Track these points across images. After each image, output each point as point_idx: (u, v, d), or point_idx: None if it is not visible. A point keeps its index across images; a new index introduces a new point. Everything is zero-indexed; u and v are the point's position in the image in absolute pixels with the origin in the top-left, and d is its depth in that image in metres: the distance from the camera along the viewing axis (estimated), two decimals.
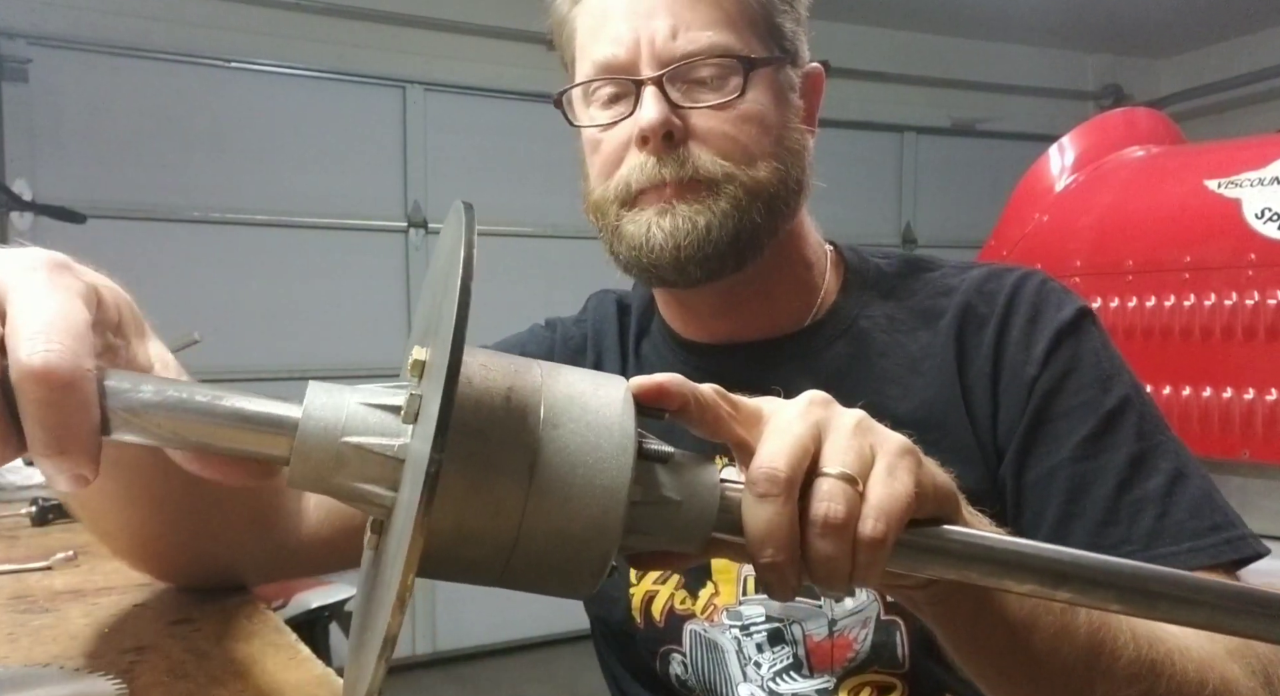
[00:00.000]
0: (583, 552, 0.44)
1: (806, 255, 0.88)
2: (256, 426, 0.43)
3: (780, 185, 0.80)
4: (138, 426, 0.43)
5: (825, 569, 0.45)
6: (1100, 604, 0.49)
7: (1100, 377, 0.77)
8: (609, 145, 0.81)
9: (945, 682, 0.78)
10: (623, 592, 0.86)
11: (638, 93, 0.78)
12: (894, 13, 4.62)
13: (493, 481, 0.42)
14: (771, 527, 0.45)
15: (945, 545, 0.48)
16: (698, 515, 0.46)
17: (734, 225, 0.78)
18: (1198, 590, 0.49)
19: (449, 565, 0.44)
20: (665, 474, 0.46)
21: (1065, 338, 0.79)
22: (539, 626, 4.04)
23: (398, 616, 0.38)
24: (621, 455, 0.44)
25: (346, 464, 0.42)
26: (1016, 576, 0.48)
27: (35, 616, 0.73)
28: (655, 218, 0.78)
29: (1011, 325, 0.80)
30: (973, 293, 0.83)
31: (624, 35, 0.78)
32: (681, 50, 0.77)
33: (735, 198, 0.78)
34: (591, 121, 0.82)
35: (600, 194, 0.82)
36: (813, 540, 0.45)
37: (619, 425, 0.45)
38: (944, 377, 0.80)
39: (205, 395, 0.43)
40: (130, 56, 3.55)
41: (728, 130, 0.78)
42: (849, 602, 0.79)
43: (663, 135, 0.77)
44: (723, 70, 0.78)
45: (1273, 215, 2.14)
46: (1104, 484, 0.74)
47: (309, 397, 0.43)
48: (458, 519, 0.42)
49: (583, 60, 0.82)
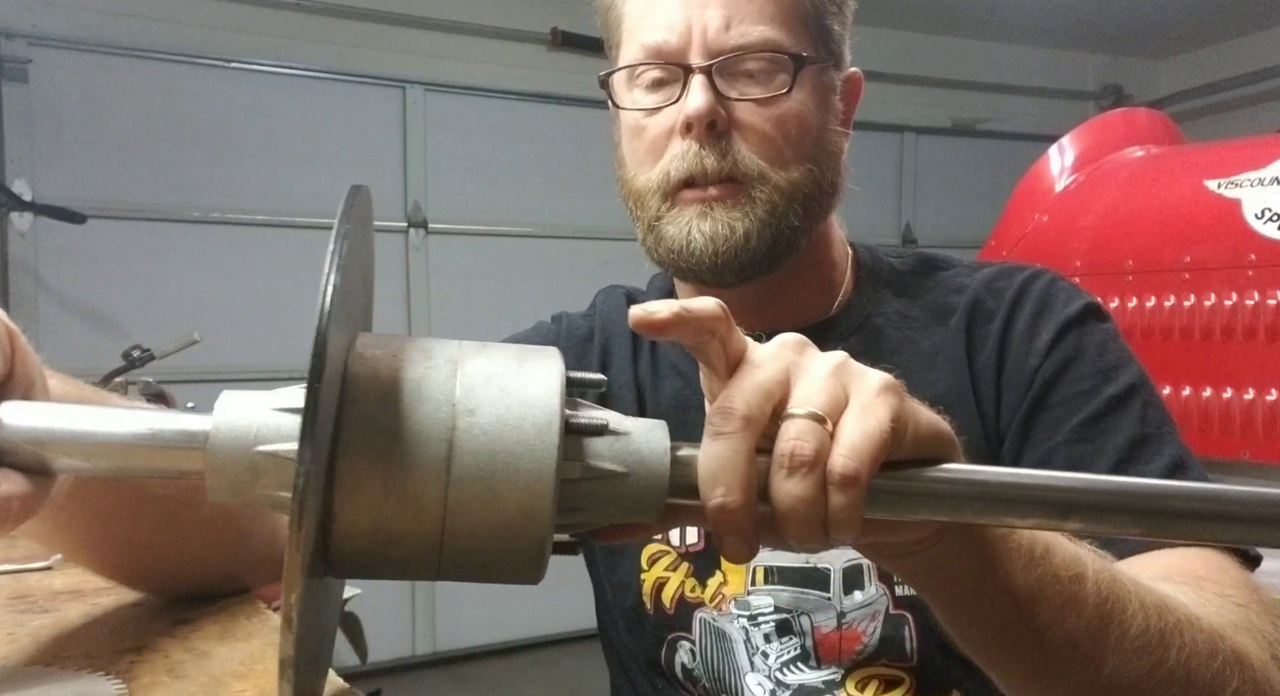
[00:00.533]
0: (516, 541, 0.42)
1: (832, 255, 0.89)
2: (166, 442, 0.42)
3: (815, 187, 0.81)
4: (40, 458, 0.41)
5: (796, 515, 0.42)
6: (1116, 530, 0.45)
7: (1104, 368, 0.77)
8: (653, 131, 0.81)
9: (953, 677, 0.78)
10: (634, 578, 0.86)
11: (685, 80, 0.78)
12: (894, 13, 4.62)
13: (407, 479, 0.40)
14: (722, 463, 0.42)
15: (931, 485, 0.44)
16: (647, 484, 0.43)
17: (771, 233, 0.79)
18: (1228, 501, 0.43)
19: (380, 566, 0.43)
20: (605, 446, 0.43)
21: (1070, 330, 0.79)
22: (539, 626, 4.04)
23: (286, 636, 0.36)
24: (545, 434, 0.41)
25: (263, 474, 0.40)
26: (1018, 511, 0.44)
27: (35, 616, 0.73)
28: (696, 221, 0.79)
29: (1017, 319, 0.81)
30: (982, 289, 0.84)
31: (676, 22, 0.78)
32: (733, 42, 0.78)
33: (771, 202, 0.78)
34: (635, 105, 0.82)
35: (643, 183, 0.82)
36: (779, 483, 0.42)
37: (542, 402, 0.42)
38: (955, 374, 0.81)
39: (109, 413, 0.42)
40: (130, 56, 3.54)
41: (769, 129, 0.79)
42: (858, 595, 0.79)
43: (707, 124, 0.77)
44: (772, 66, 0.79)
45: (1273, 215, 2.14)
46: (1100, 463, 0.73)
47: (219, 407, 0.42)
48: (375, 521, 0.40)
49: (630, 43, 0.82)
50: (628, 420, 0.45)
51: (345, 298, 0.41)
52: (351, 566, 0.43)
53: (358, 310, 0.46)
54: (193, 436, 0.42)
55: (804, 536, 0.43)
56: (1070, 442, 0.74)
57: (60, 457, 0.42)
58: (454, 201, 4.04)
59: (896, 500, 0.44)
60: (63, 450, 0.42)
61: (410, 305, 3.98)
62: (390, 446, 0.40)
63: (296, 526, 0.35)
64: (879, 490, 0.43)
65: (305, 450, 0.35)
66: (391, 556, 0.42)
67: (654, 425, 0.45)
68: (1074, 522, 0.44)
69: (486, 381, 0.42)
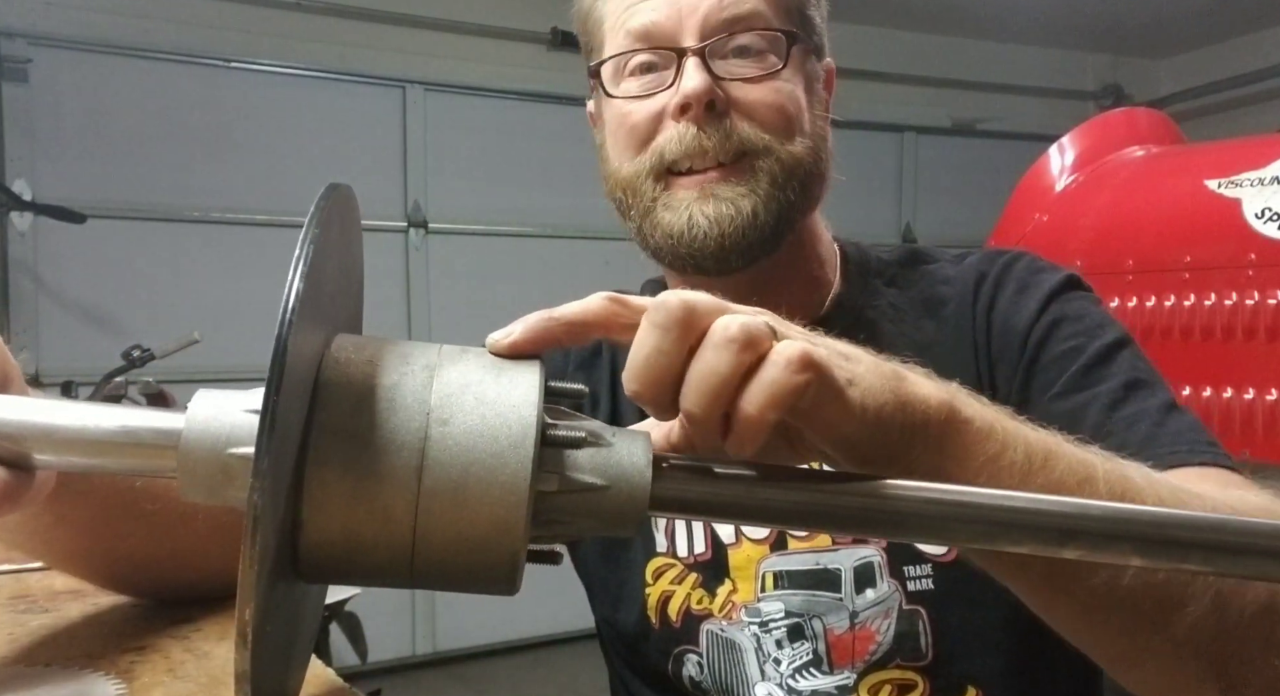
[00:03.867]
0: (489, 554, 0.41)
1: (820, 251, 0.88)
2: (139, 440, 0.41)
3: (814, 164, 0.81)
4: (16, 452, 0.41)
5: (702, 386, 0.41)
6: (1116, 558, 0.43)
7: (1090, 327, 0.78)
8: (639, 116, 0.80)
9: (969, 674, 0.77)
10: (639, 592, 0.85)
11: (679, 63, 0.77)
12: (894, 13, 4.62)
13: (376, 488, 0.39)
14: (647, 352, 0.42)
15: (923, 506, 0.43)
16: (628, 497, 0.42)
17: (777, 207, 0.78)
18: (1239, 532, 0.41)
19: (352, 574, 0.42)
20: (585, 457, 0.42)
21: (1054, 299, 0.80)
22: (539, 626, 4.04)
23: (240, 652, 0.36)
24: (520, 446, 0.40)
25: (236, 476, 0.39)
26: (1013, 537, 0.42)
27: (35, 616, 0.72)
28: (697, 203, 0.77)
29: (1001, 298, 0.82)
30: (970, 278, 0.85)
31: (663, 4, 0.78)
32: (727, 14, 0.77)
33: (773, 174, 0.78)
34: (625, 93, 0.81)
35: (631, 169, 0.80)
36: (703, 351, 0.42)
37: (518, 413, 0.41)
38: (951, 365, 0.81)
39: (84, 409, 0.42)
40: (130, 56, 3.55)
41: (768, 103, 0.78)
42: (869, 593, 0.79)
43: (706, 104, 0.76)
44: (764, 42, 0.79)
45: (1273, 215, 2.14)
46: (1097, 405, 0.72)
47: (192, 406, 0.41)
48: (345, 529, 0.40)
49: (615, 35, 0.81)
50: (609, 431, 0.44)
51: (316, 302, 0.40)
52: (322, 573, 0.42)
53: (337, 312, 0.45)
54: (165, 435, 0.41)
55: (704, 404, 0.42)
56: (1066, 393, 0.74)
57: (36, 452, 0.42)
58: (454, 201, 4.04)
59: (882, 517, 0.43)
60: (35, 445, 0.42)
61: (410, 305, 3.98)
62: (360, 455, 0.39)
63: (250, 542, 0.34)
64: (859, 506, 0.43)
65: (259, 462, 0.34)
66: (362, 565, 0.41)
67: (637, 436, 0.44)
68: (1072, 551, 0.43)
69: (463, 390, 0.41)
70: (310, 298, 0.38)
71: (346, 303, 0.49)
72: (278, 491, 0.37)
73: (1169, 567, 0.45)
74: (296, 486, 0.39)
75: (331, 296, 0.44)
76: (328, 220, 0.41)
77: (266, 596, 0.37)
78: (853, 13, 4.53)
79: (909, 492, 0.44)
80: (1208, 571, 0.47)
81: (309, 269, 0.38)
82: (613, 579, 0.88)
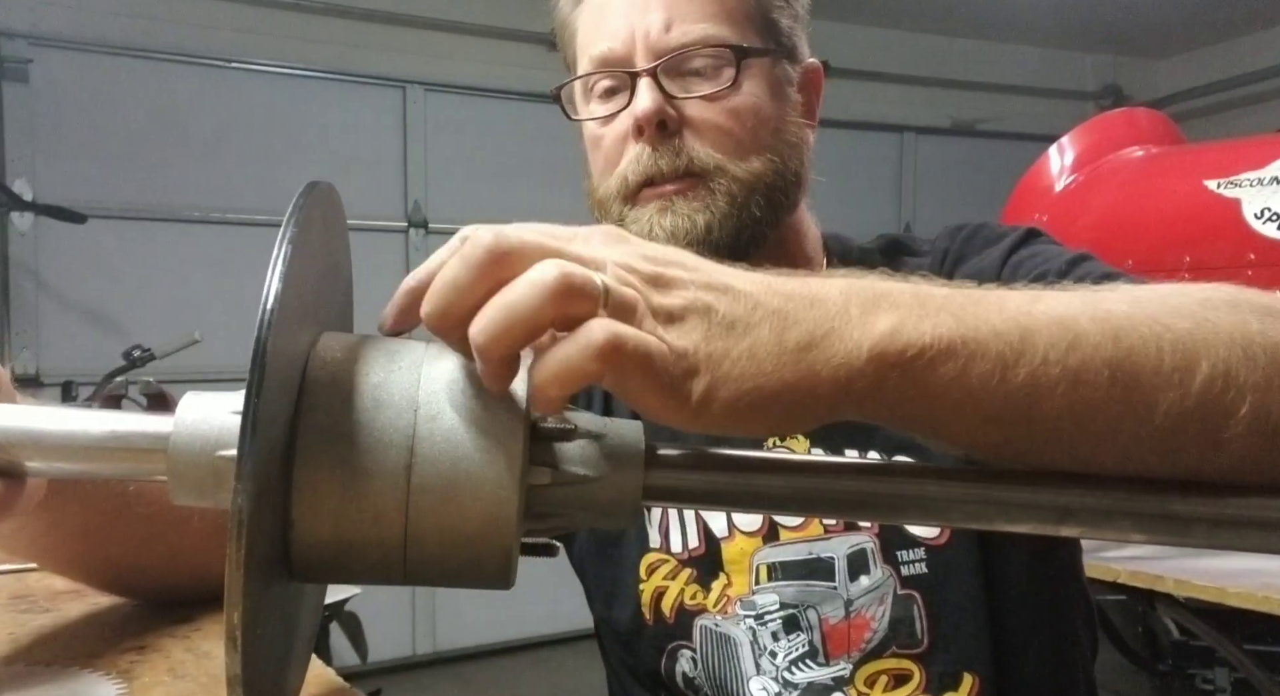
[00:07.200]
0: (482, 549, 0.40)
1: (806, 250, 0.89)
2: (129, 444, 0.41)
3: (777, 177, 0.81)
4: (5, 460, 0.41)
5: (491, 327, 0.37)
6: (1116, 536, 0.42)
7: (1054, 254, 0.79)
8: (608, 140, 0.83)
9: (965, 659, 0.78)
10: (632, 589, 0.85)
11: (633, 85, 0.80)
12: (894, 13, 4.62)
13: (367, 487, 0.39)
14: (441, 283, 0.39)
15: (923, 487, 0.42)
16: (621, 488, 0.42)
17: (734, 224, 0.79)
18: (1240, 505, 0.41)
19: (345, 572, 0.42)
20: (576, 449, 0.42)
21: (1016, 249, 0.82)
22: (539, 626, 4.04)
23: (231, 655, 0.35)
24: (510, 440, 0.40)
25: (225, 478, 0.38)
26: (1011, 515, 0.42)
27: (35, 616, 0.72)
28: (656, 216, 0.79)
29: (966, 262, 0.84)
30: (936, 255, 0.87)
31: (620, 30, 0.80)
32: (675, 42, 0.79)
33: (730, 193, 0.79)
34: (590, 116, 0.84)
35: (604, 191, 0.83)
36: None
37: (507, 406, 0.40)
38: None
39: (72, 414, 0.42)
40: (130, 56, 3.55)
41: (721, 121, 0.79)
42: (864, 580, 0.79)
43: (656, 124, 0.78)
44: (716, 61, 0.80)
45: (1272, 215, 2.14)
46: None
47: (180, 409, 0.41)
48: (336, 529, 0.40)
49: (582, 57, 0.84)
50: (601, 422, 0.43)
51: (299, 302, 0.40)
52: (315, 573, 0.42)
53: (324, 311, 0.45)
54: (154, 439, 0.41)
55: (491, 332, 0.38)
56: None
57: (26, 459, 0.42)
58: (454, 201, 4.04)
59: (879, 498, 0.43)
60: (25, 452, 0.41)
61: None
62: (349, 453, 0.39)
63: (236, 545, 0.34)
64: (855, 489, 0.43)
65: (245, 468, 0.34)
66: (355, 563, 0.41)
67: (629, 427, 0.43)
68: (1070, 528, 0.43)
69: (450, 386, 0.41)
70: (291, 297, 0.38)
71: (333, 301, 0.48)
72: (263, 493, 0.37)
73: (1172, 542, 0.44)
74: (286, 487, 0.39)
75: (317, 295, 0.44)
76: (308, 219, 0.41)
77: (257, 598, 0.37)
78: (853, 13, 4.53)
79: (904, 474, 0.44)
80: (1209, 546, 0.45)
81: (288, 269, 0.38)
82: (606, 576, 0.88)
